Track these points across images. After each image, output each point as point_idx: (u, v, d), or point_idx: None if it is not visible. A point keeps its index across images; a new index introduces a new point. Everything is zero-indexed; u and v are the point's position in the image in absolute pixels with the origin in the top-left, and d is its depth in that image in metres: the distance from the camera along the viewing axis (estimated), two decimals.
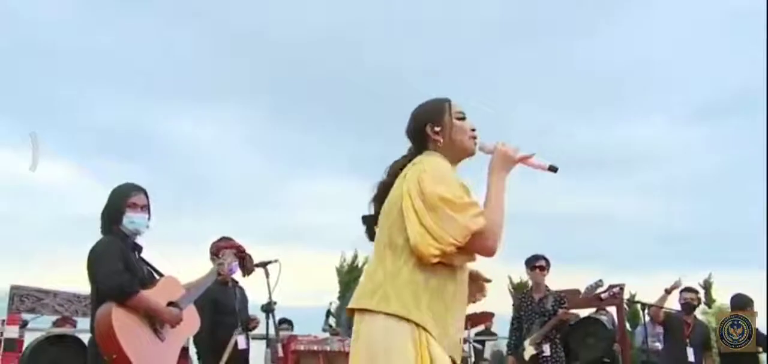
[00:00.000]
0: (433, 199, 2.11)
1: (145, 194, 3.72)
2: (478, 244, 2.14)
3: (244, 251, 4.70)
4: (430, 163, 2.24)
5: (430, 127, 2.34)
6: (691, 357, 6.64)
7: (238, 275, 4.90)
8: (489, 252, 2.17)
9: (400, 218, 2.17)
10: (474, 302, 2.50)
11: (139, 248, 3.68)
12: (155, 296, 3.53)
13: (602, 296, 6.13)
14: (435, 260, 2.11)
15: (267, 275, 4.35)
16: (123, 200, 3.68)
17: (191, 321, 3.78)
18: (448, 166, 2.27)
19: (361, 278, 2.35)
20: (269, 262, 4.37)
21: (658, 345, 8.26)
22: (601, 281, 6.27)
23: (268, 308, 4.40)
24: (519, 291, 6.42)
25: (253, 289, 4.73)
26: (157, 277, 3.71)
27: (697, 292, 7.13)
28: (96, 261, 3.45)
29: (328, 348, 4.86)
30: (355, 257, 15.97)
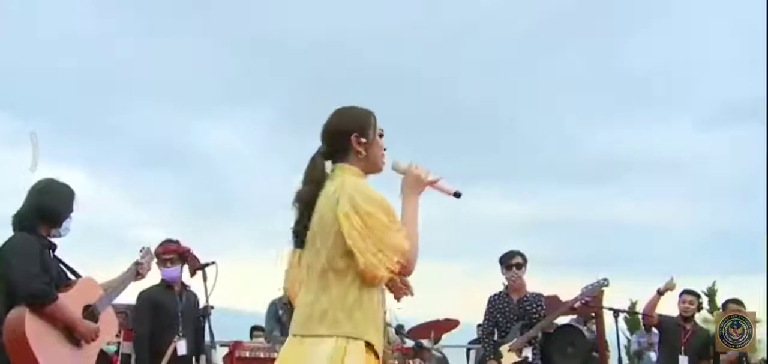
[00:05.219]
0: (372, 222, 2.29)
1: None
2: (408, 264, 2.35)
3: (187, 253, 4.68)
4: (354, 183, 2.38)
5: (356, 138, 2.45)
6: None
7: (186, 278, 4.91)
8: (409, 272, 2.42)
9: (339, 241, 2.31)
10: (400, 298, 2.76)
11: (53, 247, 3.62)
12: (72, 298, 3.50)
13: (576, 305, 5.94)
14: (384, 281, 2.36)
15: (205, 277, 4.30)
16: (70, 205, 3.65)
17: (109, 325, 3.75)
18: (369, 185, 2.43)
19: (300, 304, 2.45)
20: (207, 264, 4.32)
21: (652, 355, 8.15)
22: (606, 279, 6.02)
23: (205, 312, 4.34)
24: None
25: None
26: (72, 277, 3.67)
27: (698, 296, 6.96)
28: (12, 260, 3.39)
29: (276, 354, 4.76)
30: None
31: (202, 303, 4.67)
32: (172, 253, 4.77)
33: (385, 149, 2.55)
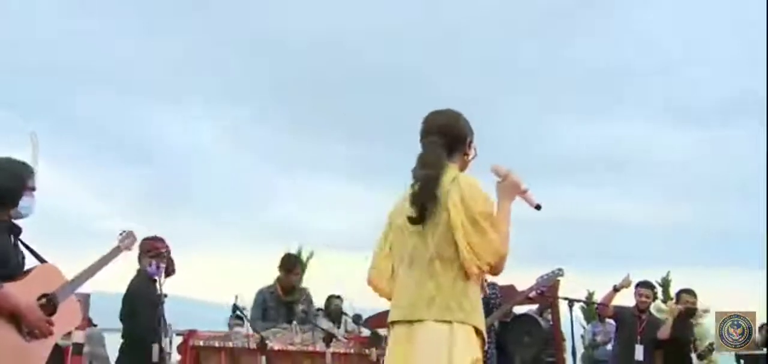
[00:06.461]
0: (476, 220, 2.46)
1: None
2: (498, 265, 2.54)
3: (169, 254, 4.85)
4: (467, 179, 2.59)
5: (469, 142, 2.73)
6: (639, 356, 6.66)
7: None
8: (498, 273, 2.68)
9: (447, 231, 2.49)
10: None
11: (18, 231, 3.46)
12: (26, 286, 3.26)
13: (531, 294, 6.03)
14: (475, 275, 2.51)
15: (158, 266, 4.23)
16: (23, 182, 3.47)
17: (70, 315, 3.51)
18: (479, 183, 2.60)
19: (403, 289, 2.61)
20: (161, 252, 4.26)
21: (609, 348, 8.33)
22: (561, 270, 6.12)
23: (159, 301, 4.29)
24: None
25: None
26: (38, 263, 3.50)
27: (653, 288, 7.15)
28: None
29: (232, 343, 4.74)
30: (299, 252, 15.90)
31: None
32: (165, 251, 4.87)
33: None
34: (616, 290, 6.79)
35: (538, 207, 2.67)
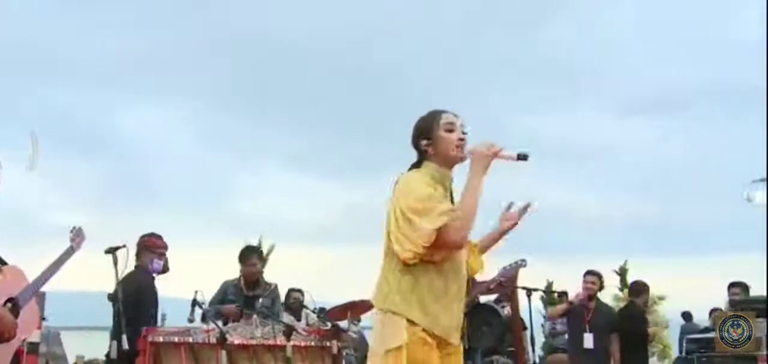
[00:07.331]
0: (402, 209, 2.61)
1: None
2: (443, 239, 2.57)
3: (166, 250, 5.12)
4: (405, 177, 2.75)
5: (423, 142, 2.80)
6: (588, 343, 6.85)
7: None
8: (453, 245, 2.63)
9: (387, 228, 2.69)
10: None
11: None
12: None
13: (491, 286, 6.12)
14: (412, 262, 2.61)
15: (115, 262, 4.18)
16: None
17: (30, 319, 3.47)
18: (419, 178, 2.71)
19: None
20: (117, 247, 4.21)
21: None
22: (524, 260, 6.20)
23: (115, 297, 4.25)
24: None
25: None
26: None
27: (600, 276, 7.35)
28: None
29: (191, 339, 4.70)
30: (259, 244, 15.76)
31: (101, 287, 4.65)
32: (162, 247, 5.08)
33: (460, 138, 2.76)
34: (571, 304, 7.14)
35: (521, 157, 2.67)
